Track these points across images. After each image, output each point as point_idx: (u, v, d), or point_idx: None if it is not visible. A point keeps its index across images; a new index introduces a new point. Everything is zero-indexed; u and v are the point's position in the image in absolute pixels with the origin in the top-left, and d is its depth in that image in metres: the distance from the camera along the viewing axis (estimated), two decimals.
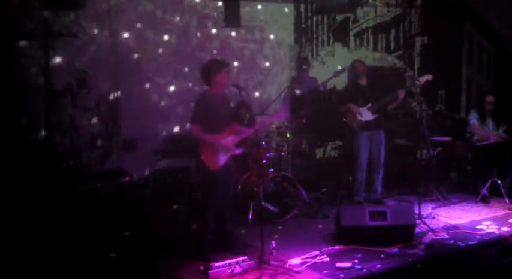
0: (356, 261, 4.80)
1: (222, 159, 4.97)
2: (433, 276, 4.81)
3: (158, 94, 6.93)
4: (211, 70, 4.95)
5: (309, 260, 4.85)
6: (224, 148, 4.96)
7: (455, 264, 4.97)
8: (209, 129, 4.93)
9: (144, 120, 6.86)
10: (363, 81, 6.73)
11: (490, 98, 7.19)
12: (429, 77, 6.30)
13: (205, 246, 5.01)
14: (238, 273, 4.53)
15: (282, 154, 6.75)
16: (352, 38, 8.51)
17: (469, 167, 7.59)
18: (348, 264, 4.67)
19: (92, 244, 4.95)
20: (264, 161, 6.29)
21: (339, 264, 4.68)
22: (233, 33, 7.39)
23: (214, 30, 7.22)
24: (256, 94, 7.60)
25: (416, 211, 5.76)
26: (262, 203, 5.73)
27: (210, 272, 4.49)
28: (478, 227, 5.79)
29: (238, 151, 5.11)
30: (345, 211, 5.29)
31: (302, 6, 8.09)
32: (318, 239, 5.51)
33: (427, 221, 5.86)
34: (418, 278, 4.76)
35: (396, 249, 5.08)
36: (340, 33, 8.40)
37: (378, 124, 6.68)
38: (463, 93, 9.19)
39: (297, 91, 7.74)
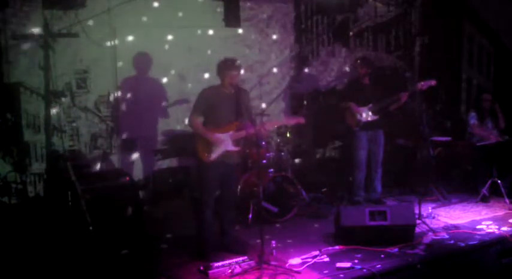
0: (356, 261, 4.80)
1: (216, 153, 4.96)
2: (433, 276, 4.81)
3: (158, 94, 6.93)
4: (221, 68, 5.03)
5: (309, 260, 4.85)
6: (217, 142, 4.95)
7: (455, 264, 4.97)
8: (210, 123, 4.96)
9: (144, 120, 6.86)
10: (366, 80, 6.72)
11: (486, 96, 7.21)
12: (432, 83, 6.27)
13: (205, 246, 5.01)
14: (238, 273, 4.53)
15: (282, 154, 6.75)
16: (352, 38, 8.50)
17: (469, 167, 7.59)
18: (348, 264, 4.66)
19: (91, 244, 4.95)
20: (264, 161, 6.30)
21: (339, 264, 4.68)
22: (233, 33, 7.39)
23: (215, 30, 7.22)
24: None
25: (416, 211, 5.76)
26: (262, 203, 5.74)
27: (210, 272, 4.49)
28: (478, 227, 5.79)
29: (233, 148, 5.04)
30: (345, 211, 5.29)
31: (302, 6, 8.09)
32: (318, 239, 5.51)
33: (427, 221, 5.86)
34: (418, 278, 4.75)
35: (396, 249, 5.08)
36: (340, 33, 8.40)
37: (378, 124, 6.67)
38: (463, 93, 9.18)
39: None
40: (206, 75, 6.97)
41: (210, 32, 7.19)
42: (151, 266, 4.78)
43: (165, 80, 6.94)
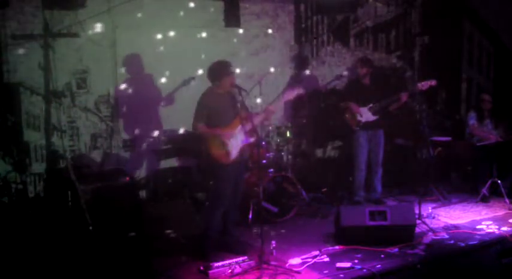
0: (356, 261, 4.81)
1: (234, 152, 4.98)
2: (433, 276, 4.81)
3: (158, 94, 6.92)
4: (219, 72, 5.03)
5: (309, 260, 4.85)
6: (230, 139, 4.95)
7: (455, 264, 4.97)
8: (213, 126, 4.97)
9: (144, 120, 6.86)
10: (366, 81, 6.71)
11: (486, 96, 7.21)
12: (433, 83, 6.26)
13: (207, 242, 5.01)
14: (238, 273, 4.53)
15: (282, 154, 6.75)
16: (352, 38, 8.51)
17: (469, 167, 7.59)
18: (348, 264, 4.67)
19: (91, 244, 4.95)
20: (264, 161, 6.30)
21: (339, 264, 4.68)
22: (233, 33, 7.39)
23: (215, 30, 7.22)
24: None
25: (416, 211, 5.76)
26: (262, 203, 5.74)
27: (210, 272, 4.49)
28: (478, 227, 5.79)
29: (248, 141, 5.08)
30: (345, 211, 5.29)
31: (302, 6, 8.09)
32: (318, 239, 5.51)
33: (427, 221, 5.86)
34: (418, 278, 4.76)
35: (396, 249, 5.08)
36: (340, 33, 8.40)
37: (378, 124, 6.67)
38: (463, 93, 9.19)
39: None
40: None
41: (210, 31, 7.19)
42: (151, 266, 4.78)
43: (165, 79, 6.93)
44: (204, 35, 7.14)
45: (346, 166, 7.18)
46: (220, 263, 4.59)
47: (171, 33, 6.91)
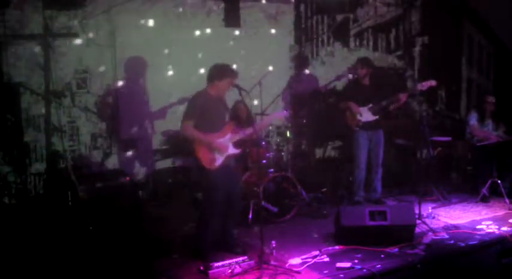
0: (356, 261, 4.80)
1: (219, 158, 4.93)
2: (433, 276, 4.81)
3: (158, 94, 6.93)
4: (217, 74, 4.96)
5: (309, 260, 4.85)
6: (217, 149, 4.92)
7: (455, 264, 4.97)
8: (204, 129, 4.87)
9: (143, 120, 6.86)
10: (366, 81, 6.71)
11: (489, 98, 7.20)
12: (433, 83, 6.24)
13: (205, 246, 5.01)
14: (238, 273, 4.53)
15: (282, 154, 6.75)
16: (352, 38, 8.52)
17: (469, 167, 7.59)
18: (348, 264, 4.67)
19: (91, 244, 4.96)
20: (264, 161, 6.30)
21: (339, 264, 4.68)
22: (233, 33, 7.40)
23: (215, 30, 7.22)
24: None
25: (416, 211, 5.76)
26: (262, 203, 5.73)
27: (210, 272, 4.49)
28: (478, 227, 5.79)
29: (234, 151, 5.04)
30: (345, 211, 5.29)
31: (302, 6, 8.10)
32: (318, 239, 5.51)
33: (427, 221, 5.86)
34: (418, 278, 4.76)
35: (396, 249, 5.08)
36: (340, 33, 8.41)
37: (377, 124, 6.67)
38: (463, 93, 9.19)
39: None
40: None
41: (210, 32, 7.19)
42: (151, 266, 4.78)
43: (164, 79, 6.93)
44: (203, 35, 7.14)
45: (346, 166, 7.18)
46: (220, 263, 4.58)
47: (172, 33, 6.92)
